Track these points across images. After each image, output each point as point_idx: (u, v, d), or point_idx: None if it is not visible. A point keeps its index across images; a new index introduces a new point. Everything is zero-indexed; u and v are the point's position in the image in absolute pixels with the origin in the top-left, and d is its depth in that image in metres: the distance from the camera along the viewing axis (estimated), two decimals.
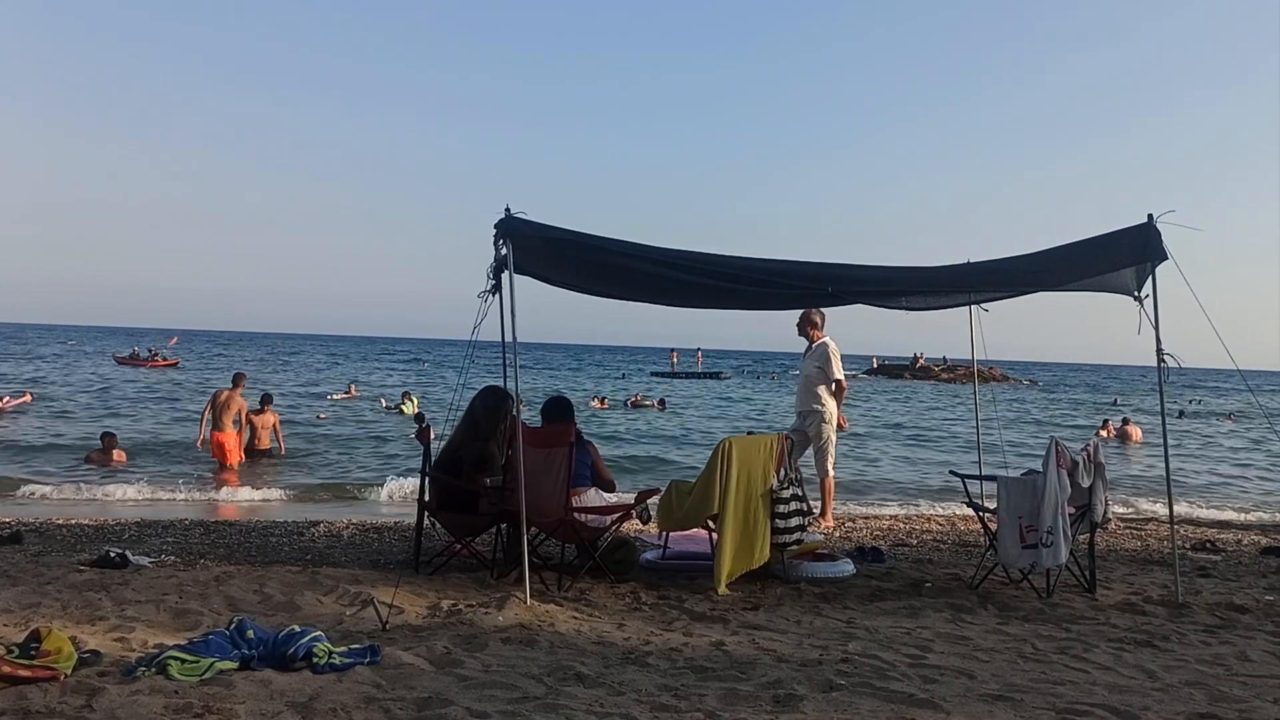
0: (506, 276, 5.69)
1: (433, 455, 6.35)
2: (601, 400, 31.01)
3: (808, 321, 8.70)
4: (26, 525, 7.73)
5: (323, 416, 22.36)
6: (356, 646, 4.22)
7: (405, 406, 23.59)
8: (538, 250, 5.87)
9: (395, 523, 8.59)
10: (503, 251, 5.69)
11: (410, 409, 22.94)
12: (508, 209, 5.66)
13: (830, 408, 8.57)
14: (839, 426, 8.69)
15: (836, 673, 4.21)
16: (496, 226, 5.69)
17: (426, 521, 6.47)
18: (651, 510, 6.90)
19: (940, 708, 3.79)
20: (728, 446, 6.05)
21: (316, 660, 3.97)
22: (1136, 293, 6.10)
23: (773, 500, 6.17)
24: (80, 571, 5.84)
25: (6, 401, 20.76)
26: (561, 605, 5.38)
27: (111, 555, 6.14)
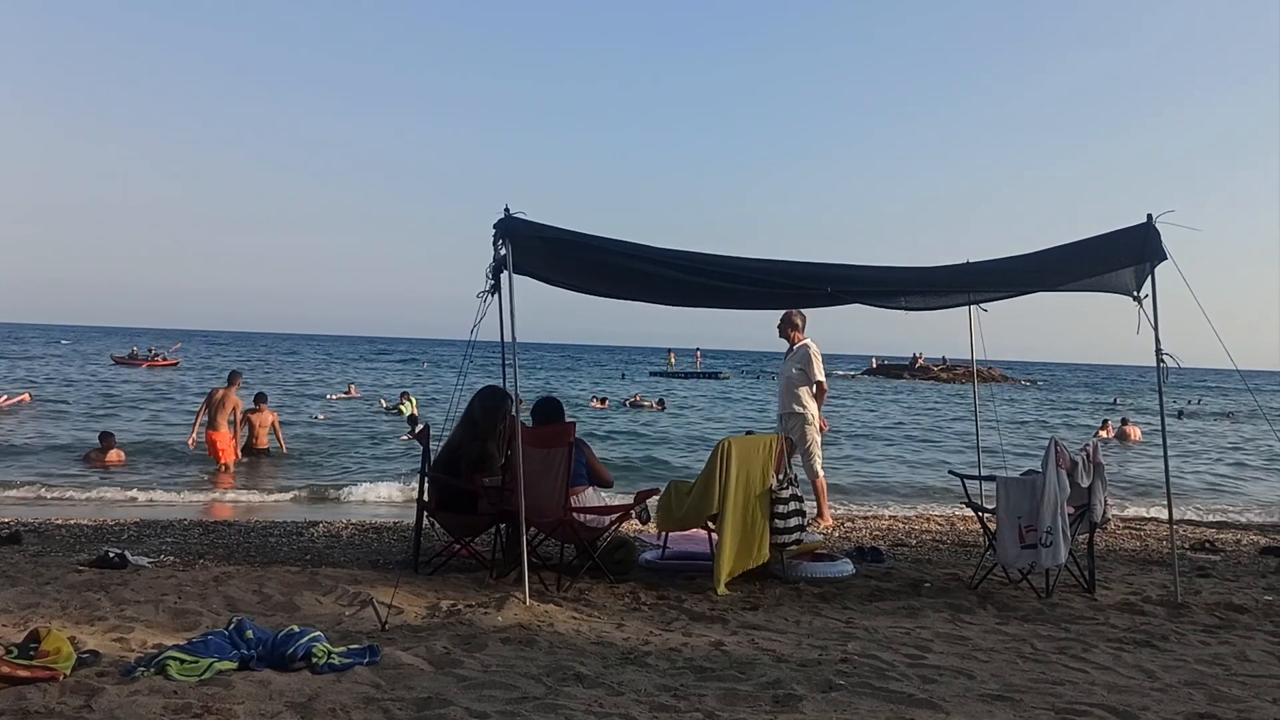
0: (506, 276, 5.69)
1: (432, 455, 6.35)
2: (602, 400, 31.01)
3: (789, 323, 8.65)
4: (25, 525, 7.73)
5: (321, 417, 22.35)
6: (355, 647, 4.22)
7: (404, 407, 23.57)
8: (537, 250, 5.87)
9: (394, 523, 8.60)
10: (502, 251, 5.69)
11: (409, 409, 22.93)
12: (507, 209, 5.66)
13: (812, 409, 8.55)
14: (820, 428, 8.68)
15: (836, 673, 4.21)
16: (496, 226, 5.69)
17: (426, 522, 6.47)
18: (651, 510, 6.90)
19: (939, 708, 3.79)
20: (727, 446, 6.05)
21: (316, 660, 3.97)
22: (1136, 293, 6.10)
23: (772, 500, 6.17)
24: (79, 572, 5.83)
25: (4, 401, 20.75)
26: (561, 605, 5.38)
27: (110, 555, 6.14)
